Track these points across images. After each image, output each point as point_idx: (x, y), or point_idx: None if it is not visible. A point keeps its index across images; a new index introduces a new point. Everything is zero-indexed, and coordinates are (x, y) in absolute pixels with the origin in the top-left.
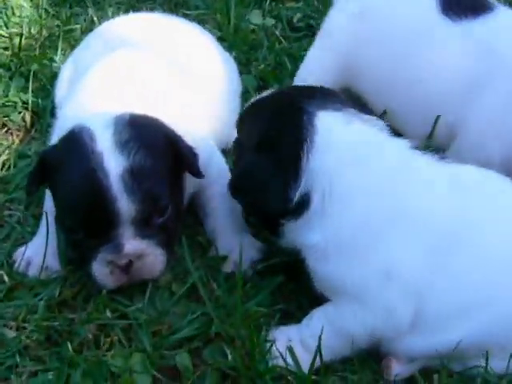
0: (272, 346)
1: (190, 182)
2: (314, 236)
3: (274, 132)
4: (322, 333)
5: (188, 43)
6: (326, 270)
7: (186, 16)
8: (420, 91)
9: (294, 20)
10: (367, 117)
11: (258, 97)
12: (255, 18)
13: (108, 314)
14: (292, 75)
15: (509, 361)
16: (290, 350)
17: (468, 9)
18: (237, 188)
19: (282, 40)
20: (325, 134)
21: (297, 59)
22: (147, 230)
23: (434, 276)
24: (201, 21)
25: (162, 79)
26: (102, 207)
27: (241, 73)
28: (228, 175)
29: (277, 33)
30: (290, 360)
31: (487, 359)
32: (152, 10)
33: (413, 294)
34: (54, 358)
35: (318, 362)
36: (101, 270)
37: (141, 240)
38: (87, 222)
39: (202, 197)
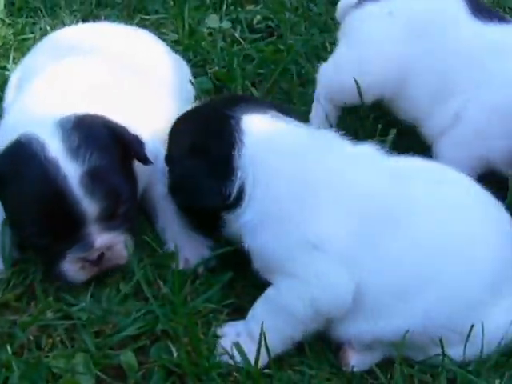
0: (219, 341)
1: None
2: (246, 217)
3: (206, 138)
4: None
5: (137, 49)
6: (258, 245)
7: (144, 21)
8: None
9: (254, 22)
10: (288, 118)
11: (182, 113)
12: (212, 21)
13: (50, 314)
14: (247, 76)
15: (464, 347)
16: (236, 344)
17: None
18: (176, 191)
19: (242, 41)
20: (250, 134)
21: (253, 60)
22: (112, 222)
23: (368, 253)
24: (160, 25)
25: (109, 85)
26: (67, 213)
27: (197, 75)
28: None
29: (236, 35)
30: (237, 355)
31: (442, 347)
32: (110, 16)
33: (344, 264)
34: None
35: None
36: (71, 267)
37: (108, 232)
38: (54, 228)
39: (150, 197)
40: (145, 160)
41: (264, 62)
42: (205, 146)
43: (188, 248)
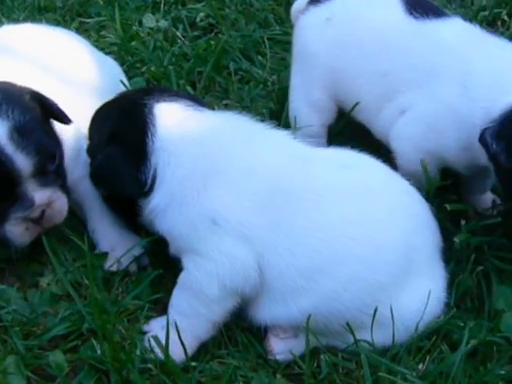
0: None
1: None
2: (155, 200)
3: (122, 126)
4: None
5: (57, 49)
6: (167, 227)
7: (84, 24)
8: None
9: (197, 20)
10: (200, 107)
11: (100, 105)
12: (148, 21)
13: None
14: (184, 75)
15: (371, 329)
16: (155, 338)
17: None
18: (96, 179)
19: (183, 39)
20: (162, 120)
21: (191, 59)
22: (46, 178)
23: (267, 231)
24: (101, 28)
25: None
26: (2, 171)
27: (134, 76)
28: None
29: (178, 33)
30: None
31: (353, 333)
32: (50, 20)
33: (243, 239)
34: None
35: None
36: (15, 229)
37: (45, 188)
38: None
39: (77, 194)
40: (65, 119)
41: (200, 60)
42: (120, 134)
43: (119, 248)
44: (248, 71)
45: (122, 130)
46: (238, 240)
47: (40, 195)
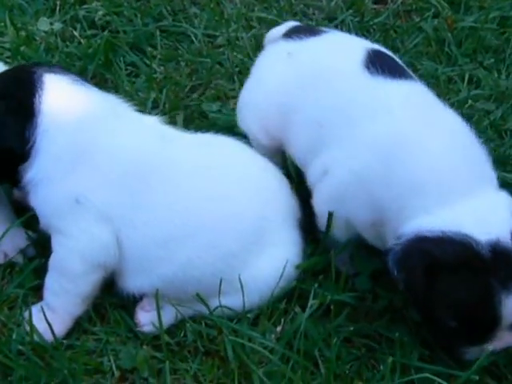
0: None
1: None
2: (31, 172)
3: (12, 85)
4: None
5: None
6: (37, 202)
7: None
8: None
9: (96, 19)
10: (88, 85)
11: None
12: (43, 25)
13: None
14: (79, 73)
15: (244, 297)
16: (28, 320)
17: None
18: None
19: (79, 39)
20: (50, 88)
21: (85, 57)
22: None
23: (129, 208)
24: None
25: None
26: None
27: None
28: None
29: (75, 33)
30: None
31: (204, 301)
32: None
33: (103, 218)
34: None
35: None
36: None
37: None
38: None
39: None
40: None
41: (90, 58)
42: (10, 92)
43: (5, 241)
44: (137, 65)
45: (12, 88)
46: (98, 218)
47: None
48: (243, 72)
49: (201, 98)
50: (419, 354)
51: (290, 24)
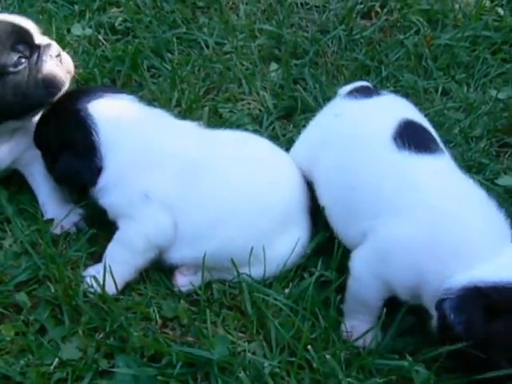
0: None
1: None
2: (102, 182)
3: (70, 133)
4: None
5: None
6: (110, 201)
7: None
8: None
9: (116, 24)
10: (125, 95)
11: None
12: (76, 30)
13: None
14: (106, 74)
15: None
16: (95, 278)
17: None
18: (61, 182)
19: (105, 43)
20: (100, 117)
21: (110, 60)
22: None
23: (185, 198)
24: None
25: None
26: None
27: None
28: None
29: (100, 37)
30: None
31: (236, 268)
32: None
33: (167, 208)
34: None
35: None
36: (51, 65)
37: None
38: None
39: (29, 173)
40: None
41: (119, 61)
42: (71, 139)
43: (62, 216)
44: (158, 68)
45: (71, 134)
46: (162, 208)
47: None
48: (249, 77)
49: (215, 99)
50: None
51: (360, 83)
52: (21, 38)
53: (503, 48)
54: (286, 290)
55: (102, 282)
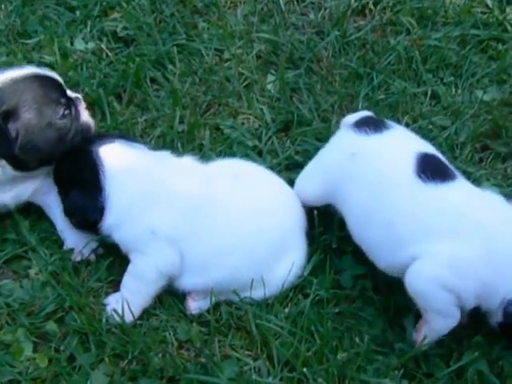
0: (106, 308)
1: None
2: (109, 221)
3: (79, 172)
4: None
5: None
6: (120, 236)
7: (25, 45)
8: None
9: (118, 30)
10: (131, 143)
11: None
12: (79, 44)
13: None
14: (111, 91)
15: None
16: (114, 310)
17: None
18: (69, 216)
19: (109, 54)
20: (107, 161)
21: (119, 71)
22: None
23: (189, 233)
24: (40, 48)
25: None
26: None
27: None
28: None
29: (103, 46)
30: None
31: (238, 294)
32: None
33: (173, 243)
34: None
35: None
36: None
37: None
38: None
39: (46, 203)
40: None
41: (123, 76)
42: (80, 178)
43: (81, 243)
44: (161, 82)
45: (79, 174)
46: (168, 242)
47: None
48: (247, 90)
49: (216, 114)
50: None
51: (363, 114)
52: (61, 91)
53: (491, 44)
54: (286, 310)
55: (120, 312)
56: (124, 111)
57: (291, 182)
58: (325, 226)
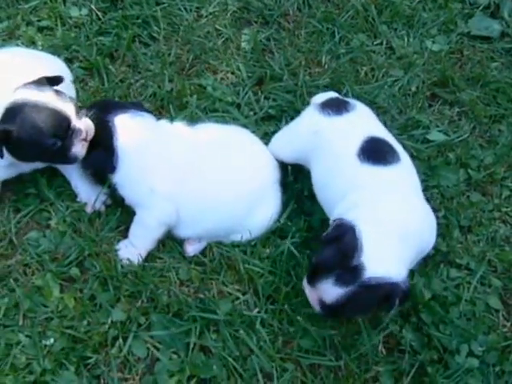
0: (118, 252)
1: None
2: (117, 178)
3: (100, 136)
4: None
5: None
6: (125, 193)
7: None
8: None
9: None
10: (139, 112)
11: None
12: (74, 11)
13: (28, 257)
14: (111, 47)
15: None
16: (124, 253)
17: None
18: (91, 167)
19: (99, 14)
20: (119, 128)
21: (111, 34)
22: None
23: (180, 192)
24: (37, 11)
25: None
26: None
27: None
28: None
29: (93, 7)
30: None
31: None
32: None
33: (168, 198)
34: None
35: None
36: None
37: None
38: None
39: (63, 168)
40: None
41: (117, 40)
42: (100, 141)
43: (92, 197)
44: (146, 43)
45: (101, 138)
46: (164, 198)
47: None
48: (226, 45)
49: (199, 71)
50: None
51: (330, 95)
52: (61, 125)
53: None
54: (267, 250)
55: (129, 255)
56: (118, 72)
57: (266, 135)
58: (296, 176)
